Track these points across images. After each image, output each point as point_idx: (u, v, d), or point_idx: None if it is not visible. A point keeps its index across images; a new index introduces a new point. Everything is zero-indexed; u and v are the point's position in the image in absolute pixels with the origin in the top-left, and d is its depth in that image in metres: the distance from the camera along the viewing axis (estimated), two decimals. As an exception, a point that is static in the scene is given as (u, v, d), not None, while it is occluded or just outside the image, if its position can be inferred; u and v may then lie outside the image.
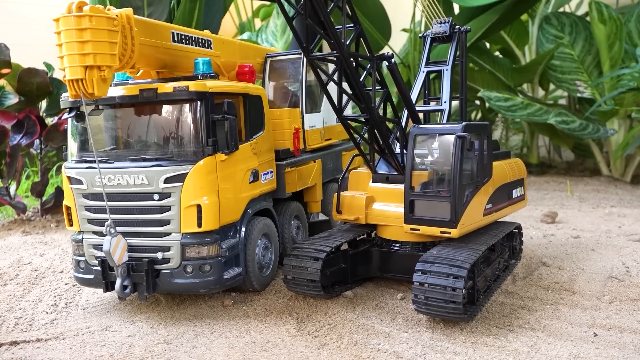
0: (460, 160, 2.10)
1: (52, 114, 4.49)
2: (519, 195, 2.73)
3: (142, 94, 2.14)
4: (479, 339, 1.94)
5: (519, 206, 2.73)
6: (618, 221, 3.59)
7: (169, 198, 2.14)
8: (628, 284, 2.44)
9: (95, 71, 1.89)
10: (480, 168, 2.27)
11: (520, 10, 4.98)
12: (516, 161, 2.75)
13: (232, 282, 2.24)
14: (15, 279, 2.74)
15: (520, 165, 2.76)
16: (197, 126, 2.15)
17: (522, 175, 2.75)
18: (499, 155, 2.58)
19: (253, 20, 6.14)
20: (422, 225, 2.19)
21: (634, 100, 4.86)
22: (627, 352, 1.83)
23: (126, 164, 2.19)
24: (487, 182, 2.32)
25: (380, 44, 5.18)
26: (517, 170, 2.69)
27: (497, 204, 2.45)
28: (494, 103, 4.92)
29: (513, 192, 2.64)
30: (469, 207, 2.20)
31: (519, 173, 2.71)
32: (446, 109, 2.58)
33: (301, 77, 2.97)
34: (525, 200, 2.80)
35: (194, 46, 2.46)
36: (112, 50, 1.93)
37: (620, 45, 4.87)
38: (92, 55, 1.87)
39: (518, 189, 2.69)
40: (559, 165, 6.09)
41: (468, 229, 2.22)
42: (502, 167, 2.52)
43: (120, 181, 2.17)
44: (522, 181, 2.75)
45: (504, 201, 2.54)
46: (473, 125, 2.24)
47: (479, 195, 2.27)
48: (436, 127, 2.32)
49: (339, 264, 2.41)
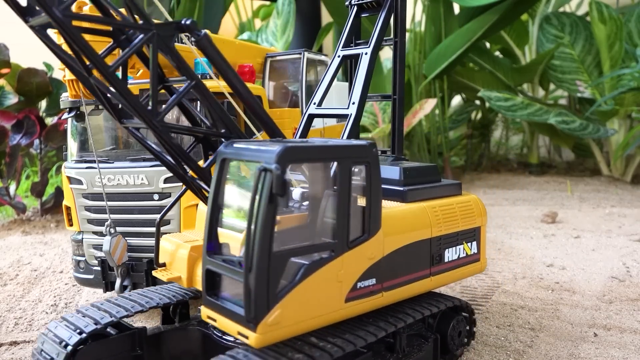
0: (267, 209, 1.20)
1: (51, 114, 4.49)
2: (464, 257, 1.79)
3: (142, 94, 2.14)
4: (479, 339, 1.94)
5: (461, 274, 1.80)
6: (618, 221, 3.59)
7: (169, 198, 2.14)
8: (628, 284, 2.44)
9: (95, 71, 1.89)
10: (342, 219, 1.37)
11: (520, 10, 4.98)
12: (466, 201, 1.82)
13: None
14: (15, 279, 2.74)
15: (472, 208, 1.82)
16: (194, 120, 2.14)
17: (474, 223, 1.82)
18: (432, 191, 1.77)
19: (253, 20, 6.14)
20: (220, 313, 1.33)
21: (634, 100, 4.86)
22: (627, 352, 1.82)
23: (126, 164, 2.19)
24: (362, 244, 1.43)
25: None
26: (465, 216, 1.79)
27: (397, 276, 1.56)
28: (494, 103, 4.92)
29: (447, 252, 1.73)
30: (301, 291, 1.30)
31: (469, 219, 1.80)
32: (353, 113, 1.76)
33: (301, 77, 2.97)
34: (481, 262, 1.87)
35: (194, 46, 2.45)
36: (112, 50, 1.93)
37: (620, 45, 4.86)
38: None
39: (461, 245, 1.79)
40: (559, 165, 6.09)
41: (294, 330, 1.32)
42: (420, 214, 1.66)
43: (120, 181, 2.17)
44: (473, 233, 1.82)
45: (419, 269, 1.64)
46: (318, 149, 1.36)
47: (334, 268, 1.37)
48: (250, 147, 1.34)
49: (122, 350, 1.63)
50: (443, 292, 2.05)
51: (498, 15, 4.69)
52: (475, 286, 2.47)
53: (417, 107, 4.81)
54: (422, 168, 1.81)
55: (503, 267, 2.73)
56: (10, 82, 4.24)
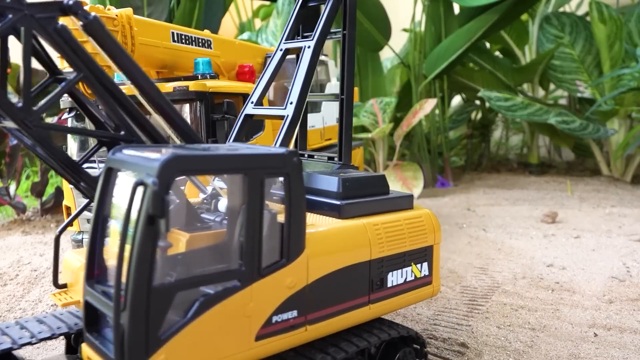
0: (144, 233, 0.99)
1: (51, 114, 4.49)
2: (412, 280, 1.58)
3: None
4: (479, 339, 1.94)
5: (408, 299, 1.59)
6: (618, 221, 3.59)
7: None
8: (628, 284, 2.44)
9: None
10: (250, 242, 1.14)
11: (520, 10, 4.98)
12: (416, 217, 1.60)
13: None
14: (15, 279, 2.73)
15: (423, 224, 1.61)
16: (196, 126, 2.15)
17: (425, 242, 1.61)
18: (375, 205, 1.54)
19: (253, 20, 6.14)
20: (99, 355, 1.11)
21: (634, 100, 4.86)
22: (627, 352, 1.82)
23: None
24: (279, 270, 1.21)
25: (380, 44, 5.18)
26: (414, 234, 1.58)
27: (325, 306, 1.34)
28: (494, 103, 4.92)
29: (391, 275, 1.51)
30: (195, 330, 1.08)
31: (419, 237, 1.59)
32: (289, 115, 1.56)
33: None
34: (433, 286, 1.66)
35: (194, 46, 2.46)
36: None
37: (620, 45, 4.87)
38: (92, 55, 1.87)
39: (409, 267, 1.57)
40: (559, 165, 6.09)
41: None
42: (357, 232, 1.42)
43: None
44: (424, 253, 1.61)
45: (355, 297, 1.42)
46: (216, 159, 1.12)
47: (241, 301, 1.15)
48: (137, 154, 1.12)
49: None
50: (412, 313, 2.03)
51: (498, 15, 4.69)
52: (475, 286, 2.47)
53: (417, 107, 4.80)
54: (366, 179, 1.57)
55: (503, 267, 2.73)
56: (10, 82, 4.24)
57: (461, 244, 3.16)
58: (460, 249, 3.06)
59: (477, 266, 2.75)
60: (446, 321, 2.10)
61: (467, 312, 2.19)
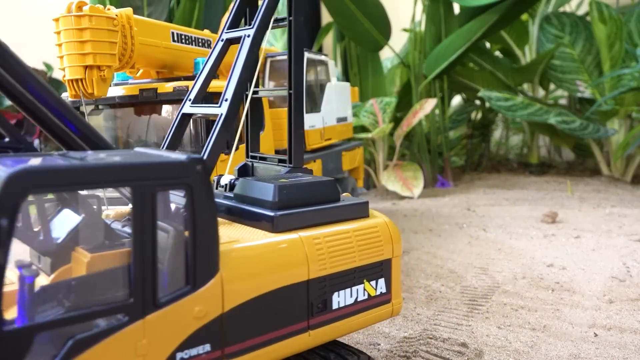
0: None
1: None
2: (365, 299, 1.39)
3: (142, 94, 2.14)
4: (479, 339, 1.94)
5: (361, 322, 1.40)
6: (618, 221, 3.59)
7: None
8: (628, 284, 2.44)
9: (95, 71, 1.90)
10: (140, 269, 0.96)
11: (520, 10, 4.98)
12: (370, 227, 1.42)
13: None
14: (15, 279, 2.73)
15: (378, 235, 1.42)
16: (197, 126, 2.15)
17: (381, 255, 1.42)
18: (318, 215, 1.35)
19: (253, 20, 6.14)
20: None
21: (634, 100, 4.86)
22: (627, 352, 1.82)
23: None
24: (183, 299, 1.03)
25: (380, 44, 5.18)
26: (367, 246, 1.38)
27: (249, 336, 1.15)
28: (494, 103, 4.92)
29: (337, 296, 1.32)
30: None
31: (373, 251, 1.40)
32: (223, 113, 1.38)
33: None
34: (392, 304, 1.47)
35: (194, 46, 2.46)
36: (112, 50, 1.94)
37: (620, 45, 4.87)
38: (92, 55, 1.87)
39: (361, 285, 1.38)
40: (559, 165, 6.08)
41: None
42: (291, 248, 1.24)
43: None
44: (380, 267, 1.42)
45: (289, 323, 1.23)
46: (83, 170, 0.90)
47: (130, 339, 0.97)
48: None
49: None
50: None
51: (498, 15, 4.69)
52: (475, 286, 2.47)
53: (417, 107, 4.80)
54: (311, 185, 1.38)
55: (503, 267, 2.73)
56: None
57: (461, 244, 3.16)
58: (460, 249, 3.06)
59: (477, 266, 2.75)
60: (446, 321, 2.10)
61: (467, 312, 2.19)
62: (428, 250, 3.05)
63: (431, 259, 2.89)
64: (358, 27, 4.97)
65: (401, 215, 3.98)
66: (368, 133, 4.76)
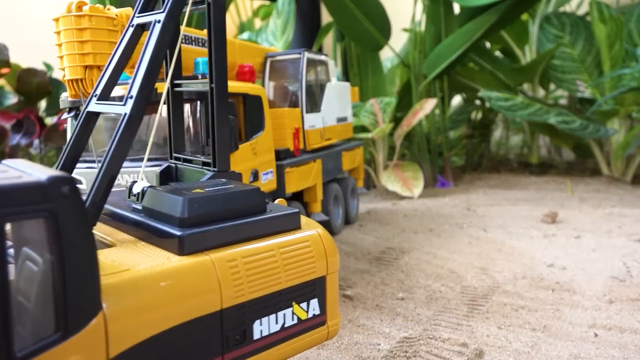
0: None
1: (51, 114, 4.49)
2: (294, 324, 1.24)
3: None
4: (479, 339, 1.94)
5: (289, 350, 1.24)
6: (619, 221, 3.59)
7: None
8: (629, 284, 2.44)
9: (95, 71, 1.90)
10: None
11: (520, 10, 4.98)
12: (300, 242, 1.26)
13: None
14: (14, 279, 2.73)
15: (309, 250, 1.27)
16: (197, 126, 2.15)
17: (313, 273, 1.27)
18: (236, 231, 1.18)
19: (253, 20, 6.14)
20: None
21: (635, 100, 4.86)
22: (627, 352, 1.82)
23: (126, 164, 2.19)
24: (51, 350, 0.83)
25: (380, 44, 5.18)
26: (296, 265, 1.23)
27: None
28: (494, 103, 4.92)
29: (259, 324, 1.17)
30: None
31: (303, 269, 1.25)
32: (127, 112, 1.22)
33: (301, 77, 2.97)
34: (328, 326, 1.33)
35: (194, 46, 2.45)
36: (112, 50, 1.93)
37: (620, 45, 4.86)
38: (92, 55, 1.87)
39: (289, 309, 1.22)
40: (559, 165, 6.08)
41: None
42: (199, 274, 1.07)
43: (120, 181, 2.16)
44: (312, 287, 1.27)
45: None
46: None
47: None
48: None
49: None
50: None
51: (498, 15, 4.69)
52: (475, 286, 2.47)
53: (417, 107, 4.80)
54: (229, 195, 1.21)
55: (503, 267, 2.73)
56: (10, 82, 4.23)
57: (461, 244, 3.16)
58: (460, 249, 3.06)
59: (477, 266, 2.75)
60: (446, 321, 2.10)
61: (467, 312, 2.19)
62: (428, 250, 3.04)
63: (431, 259, 2.88)
64: (358, 27, 4.97)
65: (401, 215, 3.98)
66: (368, 133, 4.76)
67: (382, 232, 3.48)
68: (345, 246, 3.14)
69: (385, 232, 3.48)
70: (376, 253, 3.02)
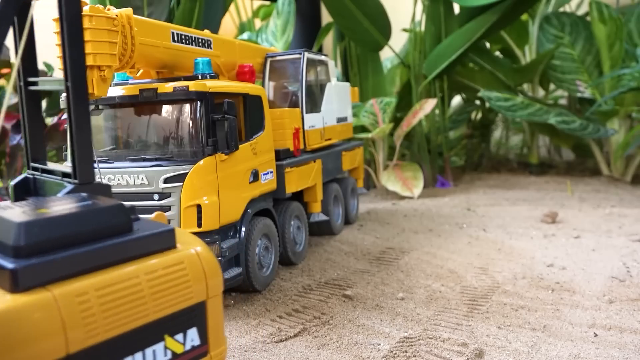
0: None
1: (51, 114, 4.49)
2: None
3: (142, 94, 2.14)
4: (479, 339, 1.94)
5: None
6: (618, 221, 3.59)
7: (169, 198, 2.14)
8: (629, 284, 2.44)
9: (95, 71, 1.90)
10: None
11: (520, 10, 4.98)
12: (173, 264, 1.10)
13: (231, 282, 2.23)
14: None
15: (184, 274, 1.11)
16: (197, 126, 2.15)
17: (190, 299, 1.11)
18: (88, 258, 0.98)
19: (253, 20, 6.14)
20: None
21: (635, 100, 4.86)
22: (627, 352, 1.82)
23: (126, 164, 2.19)
24: None
25: (380, 44, 5.18)
26: (168, 292, 1.06)
27: None
28: (494, 103, 4.92)
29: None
30: None
31: (177, 296, 1.08)
32: None
33: (301, 77, 2.97)
34: (212, 356, 1.18)
35: (194, 46, 2.46)
36: (112, 50, 1.93)
37: (620, 45, 4.86)
38: (92, 55, 1.87)
39: (160, 344, 1.06)
40: (559, 165, 6.08)
41: None
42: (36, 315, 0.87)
43: (120, 181, 2.17)
44: (190, 315, 1.12)
45: None
46: None
47: None
48: None
49: None
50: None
51: (498, 15, 4.69)
52: (475, 286, 2.47)
53: (417, 107, 4.80)
54: (83, 214, 1.02)
55: (503, 267, 2.73)
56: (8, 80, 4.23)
57: (461, 244, 3.16)
58: (460, 249, 3.06)
59: (477, 266, 2.75)
60: (446, 321, 2.10)
61: (467, 312, 2.19)
62: (428, 250, 3.05)
63: (431, 259, 2.89)
64: (358, 27, 4.97)
65: (401, 215, 3.98)
66: (368, 133, 4.76)
67: (382, 232, 3.48)
68: (345, 246, 3.14)
69: (385, 232, 3.48)
70: (376, 253, 3.02)
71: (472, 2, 4.82)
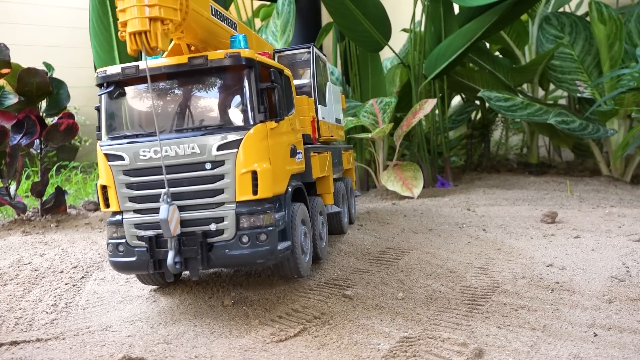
0: None
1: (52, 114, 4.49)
2: None
3: (191, 62, 2.10)
4: (479, 339, 1.94)
5: None
6: (618, 221, 3.59)
7: (223, 166, 2.09)
8: (628, 284, 2.44)
9: (159, 24, 1.86)
10: None
11: (520, 10, 4.99)
12: None
13: (284, 254, 2.20)
14: (15, 279, 2.74)
15: None
16: (248, 93, 2.12)
17: None
18: None
19: (253, 20, 6.14)
20: None
21: (634, 100, 4.86)
22: (627, 352, 1.83)
23: (174, 135, 2.14)
24: None
25: (380, 44, 5.19)
26: None
27: None
28: (494, 103, 4.92)
29: None
30: None
31: None
32: None
33: (312, 69, 2.99)
34: None
35: (226, 25, 2.45)
36: (175, 5, 1.91)
37: (620, 45, 4.87)
38: (158, 6, 1.84)
39: None
40: (559, 165, 6.09)
41: None
42: None
43: (168, 152, 2.11)
44: None
45: None
46: None
47: None
48: None
49: None
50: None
51: (498, 15, 4.69)
52: (475, 286, 2.47)
53: (417, 107, 4.81)
54: None
55: (503, 267, 2.73)
56: (10, 82, 4.23)
57: (461, 244, 3.16)
58: (460, 249, 3.06)
59: (477, 266, 2.76)
60: (446, 321, 2.11)
61: (467, 311, 2.19)
62: (428, 250, 3.05)
63: (431, 258, 2.89)
64: (358, 27, 4.97)
65: (401, 215, 3.98)
66: (368, 133, 4.76)
67: (382, 232, 3.48)
68: (345, 246, 3.14)
69: (385, 232, 3.48)
70: (376, 253, 3.02)
71: (472, 2, 4.83)
